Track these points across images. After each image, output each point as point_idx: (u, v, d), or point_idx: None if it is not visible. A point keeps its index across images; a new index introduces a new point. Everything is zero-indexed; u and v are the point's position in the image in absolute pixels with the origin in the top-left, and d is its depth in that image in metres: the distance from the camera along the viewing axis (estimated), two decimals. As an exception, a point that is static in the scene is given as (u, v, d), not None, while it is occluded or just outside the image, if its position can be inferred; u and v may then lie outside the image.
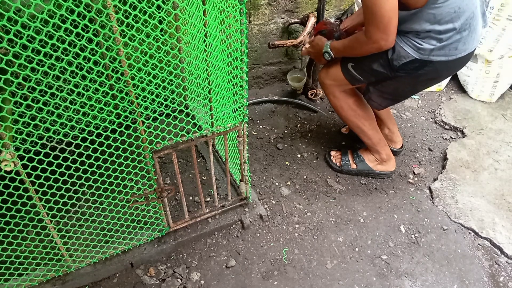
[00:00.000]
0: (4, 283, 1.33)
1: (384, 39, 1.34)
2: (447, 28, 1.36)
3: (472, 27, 1.41)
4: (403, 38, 1.42)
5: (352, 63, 1.59)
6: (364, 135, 1.81)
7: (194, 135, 1.32)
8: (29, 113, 1.00)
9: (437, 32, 1.37)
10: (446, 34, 1.37)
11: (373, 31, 1.34)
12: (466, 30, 1.39)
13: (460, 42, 1.41)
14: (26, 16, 0.83)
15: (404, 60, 1.44)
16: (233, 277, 1.51)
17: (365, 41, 1.39)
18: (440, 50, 1.41)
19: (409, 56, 1.43)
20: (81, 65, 0.99)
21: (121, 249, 1.49)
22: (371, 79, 1.61)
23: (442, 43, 1.39)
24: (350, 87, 1.70)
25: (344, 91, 1.72)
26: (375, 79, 1.61)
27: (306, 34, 2.08)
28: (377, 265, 1.56)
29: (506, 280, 1.51)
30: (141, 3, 1.09)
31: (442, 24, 1.35)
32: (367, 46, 1.41)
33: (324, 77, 1.73)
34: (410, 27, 1.39)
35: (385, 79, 1.58)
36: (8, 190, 1.05)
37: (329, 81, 1.71)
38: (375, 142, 1.82)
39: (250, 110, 2.34)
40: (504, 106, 2.37)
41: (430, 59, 1.42)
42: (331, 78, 1.70)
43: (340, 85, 1.69)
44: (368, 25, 1.35)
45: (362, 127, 1.78)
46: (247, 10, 2.14)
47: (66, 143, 1.29)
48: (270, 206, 1.78)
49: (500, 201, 1.80)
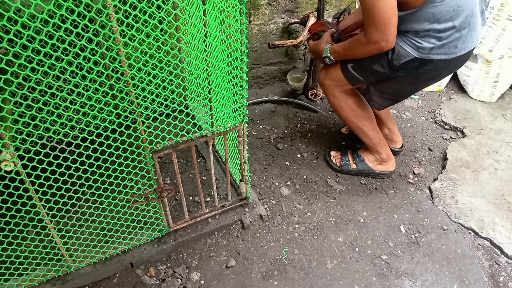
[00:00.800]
0: (4, 283, 1.33)
1: (385, 39, 1.34)
2: (447, 26, 1.36)
3: (472, 25, 1.41)
4: (402, 38, 1.42)
5: (352, 63, 1.59)
6: (364, 135, 1.81)
7: (194, 135, 1.32)
8: (29, 113, 1.00)
9: (437, 31, 1.37)
10: (446, 32, 1.37)
11: (373, 32, 1.34)
12: (465, 28, 1.39)
13: (460, 41, 1.40)
14: (26, 16, 0.83)
15: (404, 60, 1.44)
16: (233, 277, 1.51)
17: (365, 42, 1.39)
18: (440, 48, 1.40)
19: (409, 55, 1.42)
20: (81, 65, 0.99)
21: (121, 249, 1.49)
22: (371, 79, 1.61)
23: (442, 41, 1.39)
24: (350, 88, 1.70)
25: (344, 91, 1.71)
26: (375, 79, 1.60)
27: (306, 34, 2.08)
28: (377, 265, 1.56)
29: (506, 280, 1.51)
30: (141, 3, 1.09)
31: (442, 22, 1.35)
32: (368, 47, 1.40)
33: (324, 77, 1.73)
34: (409, 27, 1.39)
35: (385, 79, 1.58)
36: (8, 190, 1.05)
37: (329, 81, 1.71)
38: (375, 142, 1.82)
39: (250, 110, 2.34)
40: (504, 106, 2.37)
41: (430, 58, 1.42)
42: (331, 78, 1.70)
43: (340, 86, 1.69)
44: (367, 26, 1.35)
45: (362, 128, 1.78)
46: (247, 10, 2.14)
47: (66, 143, 1.29)
48: (270, 206, 1.78)
49: (500, 201, 1.80)
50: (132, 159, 1.25)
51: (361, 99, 1.77)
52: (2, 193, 1.06)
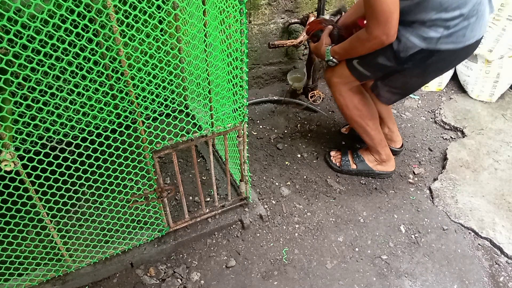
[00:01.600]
0: (4, 283, 1.33)
1: (386, 33, 1.32)
2: (454, 15, 1.32)
3: (480, 13, 1.37)
4: (408, 29, 1.39)
5: (357, 59, 1.56)
6: (367, 135, 1.80)
7: (194, 135, 1.32)
8: (29, 113, 1.00)
9: (444, 20, 1.33)
10: (454, 21, 1.33)
11: (374, 27, 1.32)
12: (473, 16, 1.35)
13: (468, 29, 1.36)
14: (26, 16, 0.83)
15: (410, 51, 1.40)
16: (233, 277, 1.51)
17: (366, 38, 1.37)
18: (448, 38, 1.37)
19: (415, 47, 1.39)
20: (81, 65, 0.99)
21: (121, 249, 1.49)
22: (378, 74, 1.58)
23: (450, 30, 1.35)
24: (357, 85, 1.68)
25: (351, 89, 1.69)
26: (382, 74, 1.58)
27: (306, 34, 2.08)
28: (377, 265, 1.56)
29: (506, 280, 1.51)
30: (141, 3, 1.09)
31: (449, 11, 1.31)
32: (369, 43, 1.39)
33: (331, 75, 1.70)
34: (415, 17, 1.36)
35: (392, 73, 1.55)
36: (8, 190, 1.05)
37: (336, 79, 1.68)
38: (377, 142, 1.82)
39: (250, 110, 2.34)
40: (504, 106, 2.37)
41: (437, 48, 1.38)
42: (338, 75, 1.67)
43: (348, 82, 1.66)
44: (369, 20, 1.33)
45: (366, 127, 1.77)
46: (247, 10, 2.14)
47: (66, 143, 1.29)
48: (270, 206, 1.78)
49: (500, 201, 1.80)
50: (132, 159, 1.25)
51: (367, 98, 1.75)
52: (2, 193, 1.05)
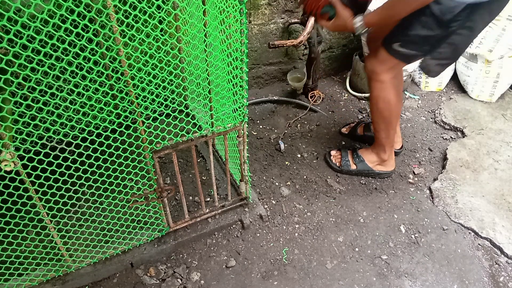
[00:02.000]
0: (4, 283, 1.33)
1: None
2: None
3: None
4: None
5: (398, 42, 1.48)
6: (385, 132, 1.76)
7: (194, 135, 1.32)
8: (29, 113, 1.00)
9: None
10: None
11: None
12: None
13: None
14: (26, 16, 0.83)
15: (456, 11, 1.33)
16: (233, 277, 1.51)
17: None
18: None
19: (460, 4, 1.31)
20: (81, 65, 0.99)
21: (121, 249, 1.49)
22: (425, 48, 1.50)
23: None
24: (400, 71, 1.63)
25: (394, 77, 1.61)
26: (430, 47, 1.49)
27: (306, 34, 2.08)
28: (377, 265, 1.56)
29: (506, 280, 1.51)
30: (141, 3, 1.09)
31: None
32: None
33: (374, 64, 1.60)
34: None
35: (439, 43, 1.47)
36: (8, 190, 1.05)
37: (380, 66, 1.58)
38: (390, 141, 1.80)
39: (250, 110, 2.34)
40: (504, 106, 2.37)
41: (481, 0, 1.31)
42: (381, 62, 1.58)
43: (393, 68, 1.58)
44: None
45: (389, 124, 1.73)
46: (247, 10, 2.14)
47: (66, 143, 1.29)
48: (270, 206, 1.78)
49: (500, 201, 1.80)
50: (132, 159, 1.25)
51: (401, 95, 1.71)
52: (2, 193, 1.06)
